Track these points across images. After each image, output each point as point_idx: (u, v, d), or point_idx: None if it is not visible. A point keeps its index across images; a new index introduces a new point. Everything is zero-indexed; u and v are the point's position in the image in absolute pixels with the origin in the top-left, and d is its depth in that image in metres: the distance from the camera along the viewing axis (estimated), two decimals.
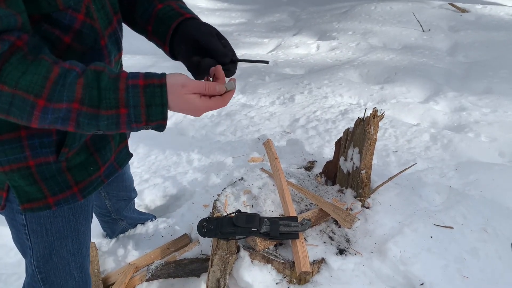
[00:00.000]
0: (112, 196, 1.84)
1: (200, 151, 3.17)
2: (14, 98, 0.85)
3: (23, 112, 0.87)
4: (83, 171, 1.20)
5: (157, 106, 0.93)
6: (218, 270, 1.62)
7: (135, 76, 0.93)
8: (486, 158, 2.81)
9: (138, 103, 0.91)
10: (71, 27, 0.98)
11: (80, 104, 0.89)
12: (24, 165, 1.08)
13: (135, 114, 0.92)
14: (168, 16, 1.18)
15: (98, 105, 0.90)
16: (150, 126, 0.96)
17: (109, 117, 0.91)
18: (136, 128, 0.96)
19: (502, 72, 4.21)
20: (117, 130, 0.95)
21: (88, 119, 0.90)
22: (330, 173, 2.13)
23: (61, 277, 1.34)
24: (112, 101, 0.90)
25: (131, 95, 0.91)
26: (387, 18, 6.36)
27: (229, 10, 8.70)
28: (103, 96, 0.90)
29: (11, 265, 2.17)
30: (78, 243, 1.34)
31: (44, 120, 0.89)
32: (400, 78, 4.24)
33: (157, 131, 0.99)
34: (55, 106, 0.88)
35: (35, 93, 0.85)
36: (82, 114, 0.89)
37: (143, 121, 0.94)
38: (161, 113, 0.94)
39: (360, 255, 1.71)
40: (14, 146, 1.05)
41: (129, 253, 2.06)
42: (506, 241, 1.74)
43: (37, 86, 0.85)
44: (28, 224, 1.21)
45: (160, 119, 0.95)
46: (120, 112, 0.91)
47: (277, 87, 4.32)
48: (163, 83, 0.93)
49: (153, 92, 0.92)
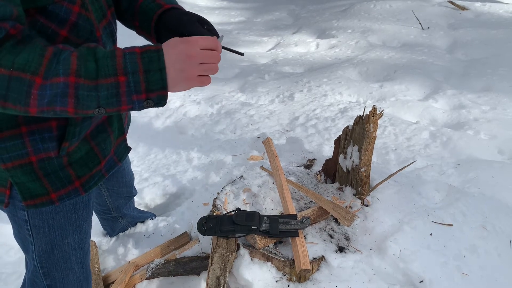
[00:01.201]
0: (112, 192, 1.84)
1: (199, 150, 3.17)
2: (11, 81, 0.85)
3: (21, 94, 0.86)
4: (84, 165, 1.21)
5: (155, 72, 0.92)
6: (218, 268, 1.62)
7: (131, 47, 0.94)
8: (485, 155, 2.81)
9: (136, 68, 0.91)
10: (67, 19, 0.99)
11: (76, 76, 0.88)
12: (26, 161, 1.09)
13: (134, 81, 0.91)
14: (149, 8, 1.21)
15: (96, 75, 0.89)
16: (150, 99, 0.94)
17: (109, 86, 0.90)
18: (138, 103, 0.94)
19: (501, 70, 4.21)
20: (118, 105, 0.93)
21: (87, 91, 0.89)
22: (329, 171, 2.13)
23: (62, 271, 1.35)
24: (110, 68, 0.90)
25: (129, 61, 0.91)
26: (386, 16, 6.36)
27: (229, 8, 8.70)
28: (101, 65, 0.89)
29: (11, 264, 2.17)
30: (80, 238, 1.35)
31: (42, 98, 0.87)
32: (399, 76, 4.24)
33: (158, 107, 0.97)
34: (52, 81, 0.87)
35: (31, 71, 0.85)
36: (80, 86, 0.88)
37: (143, 91, 0.92)
38: (160, 79, 0.93)
39: (359, 252, 1.71)
40: (15, 142, 1.06)
41: (129, 252, 2.07)
42: (506, 238, 1.75)
43: (33, 64, 0.85)
44: (30, 220, 1.22)
45: (160, 88, 0.94)
46: (119, 80, 0.90)
47: (277, 86, 4.32)
48: (160, 49, 0.93)
49: (150, 57, 0.92)
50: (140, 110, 0.96)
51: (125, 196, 1.93)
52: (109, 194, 1.84)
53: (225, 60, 5.32)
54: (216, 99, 4.07)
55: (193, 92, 4.28)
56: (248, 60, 5.39)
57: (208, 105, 3.99)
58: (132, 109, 0.96)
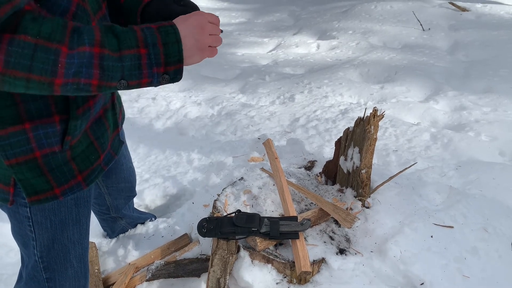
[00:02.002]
0: (112, 190, 1.84)
1: (200, 151, 3.17)
2: (36, 50, 0.85)
3: (47, 64, 0.87)
4: (86, 159, 1.24)
5: (173, 44, 0.98)
6: (218, 270, 1.62)
7: (144, 24, 1.00)
8: (486, 157, 2.80)
9: (155, 40, 0.97)
10: (68, 9, 1.01)
11: (101, 47, 0.92)
12: (30, 157, 1.10)
13: (154, 53, 0.97)
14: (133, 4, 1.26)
15: (119, 47, 0.94)
16: (167, 73, 1.00)
17: (132, 56, 0.95)
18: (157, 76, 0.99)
19: (502, 71, 4.20)
20: (139, 77, 0.98)
21: (112, 61, 0.93)
22: (330, 173, 2.13)
23: (61, 265, 1.36)
24: (133, 40, 0.95)
25: (148, 34, 0.97)
26: (387, 17, 6.36)
27: (229, 9, 8.70)
28: (122, 38, 0.95)
29: (11, 265, 2.17)
30: (79, 233, 1.37)
31: (69, 67, 0.89)
32: (400, 77, 4.24)
33: (174, 82, 1.04)
34: (79, 50, 0.89)
35: (58, 39, 0.87)
36: (105, 57, 0.92)
37: (162, 64, 0.98)
38: (177, 51, 0.99)
39: (360, 254, 1.71)
40: (19, 138, 1.07)
41: (129, 253, 2.06)
42: (507, 240, 1.74)
43: (58, 33, 0.87)
44: (33, 216, 1.23)
45: (176, 61, 1.00)
46: (140, 52, 0.96)
47: (277, 87, 4.32)
48: (173, 24, 1.01)
49: (166, 30, 0.99)
50: (158, 85, 1.03)
51: (125, 195, 1.93)
52: (109, 192, 1.84)
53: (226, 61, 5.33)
54: (216, 100, 4.07)
55: (194, 93, 4.29)
56: (248, 61, 5.40)
57: (208, 106, 3.99)
58: (151, 84, 1.01)
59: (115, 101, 1.37)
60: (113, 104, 1.35)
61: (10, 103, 1.02)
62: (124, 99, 4.08)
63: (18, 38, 0.83)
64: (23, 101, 1.02)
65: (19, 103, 1.02)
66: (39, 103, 1.05)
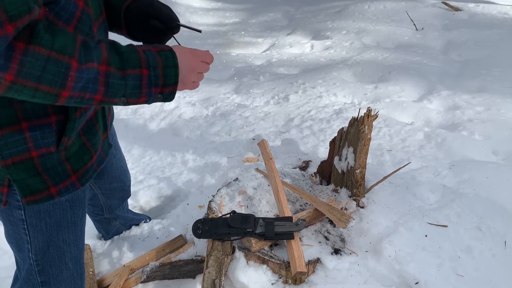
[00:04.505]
0: (105, 190, 1.83)
1: (195, 152, 3.16)
2: (48, 62, 0.86)
3: (57, 76, 0.88)
4: (79, 160, 1.24)
5: (170, 68, 1.05)
6: (213, 271, 1.62)
7: (144, 45, 1.06)
8: (480, 156, 2.82)
9: (156, 64, 1.03)
10: (74, 14, 1.03)
11: (107, 65, 0.96)
12: (27, 156, 1.10)
13: (155, 75, 1.03)
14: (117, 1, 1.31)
15: (123, 66, 0.99)
16: (164, 93, 1.07)
17: (135, 76, 1.01)
18: (153, 95, 1.06)
19: (495, 70, 4.23)
20: (138, 96, 1.04)
21: (117, 79, 0.98)
22: (325, 173, 2.13)
23: (56, 267, 1.36)
24: (136, 61, 1.00)
25: (150, 56, 1.03)
26: (380, 17, 6.38)
27: (223, 9, 8.70)
28: (126, 57, 0.99)
29: (4, 269, 2.15)
30: (74, 234, 1.37)
31: (78, 81, 0.92)
32: (394, 77, 4.25)
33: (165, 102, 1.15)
34: (88, 65, 0.92)
35: (69, 53, 0.89)
36: (111, 74, 0.97)
37: (160, 85, 1.05)
38: (174, 75, 1.06)
39: (355, 254, 1.71)
40: (16, 138, 1.07)
41: (124, 255, 2.05)
42: (500, 239, 1.75)
43: (69, 48, 0.89)
44: (28, 218, 1.23)
45: (173, 83, 1.07)
46: (142, 73, 1.01)
47: (272, 87, 4.32)
48: (171, 49, 1.08)
49: (166, 55, 1.05)
50: (151, 103, 1.10)
51: (119, 195, 1.92)
52: (102, 192, 1.84)
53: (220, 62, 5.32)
54: (211, 101, 4.07)
55: (188, 94, 4.28)
56: (243, 61, 5.39)
57: (203, 107, 3.99)
58: (146, 102, 1.07)
59: None
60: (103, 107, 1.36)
61: (7, 103, 1.02)
62: None
63: (33, 49, 0.84)
64: (20, 102, 1.02)
65: (16, 103, 1.02)
66: (36, 104, 1.05)
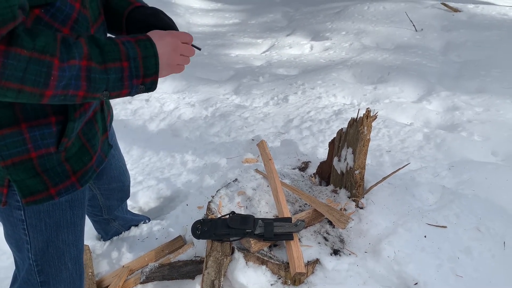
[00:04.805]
0: (104, 190, 1.83)
1: (194, 153, 3.16)
2: (30, 63, 0.86)
3: (39, 76, 0.88)
4: (79, 160, 1.25)
5: (150, 58, 1.05)
6: (212, 272, 1.62)
7: (121, 37, 1.05)
8: (479, 157, 2.82)
9: (136, 55, 1.02)
10: (70, 15, 1.03)
11: (88, 60, 0.95)
12: (26, 157, 1.11)
13: (135, 66, 1.02)
14: (120, 5, 1.31)
15: (103, 60, 0.98)
16: (145, 83, 1.06)
17: (116, 69, 1.00)
18: (135, 87, 1.05)
19: (494, 71, 4.23)
20: (121, 88, 1.03)
21: (99, 74, 0.97)
22: (324, 174, 2.13)
23: (55, 268, 1.36)
24: (116, 53, 1.00)
25: (129, 48, 1.02)
26: (380, 18, 6.38)
27: (223, 10, 8.70)
28: (106, 50, 0.99)
29: (3, 269, 2.15)
30: (74, 235, 1.37)
31: (61, 80, 0.91)
32: (393, 78, 4.25)
33: (148, 92, 1.10)
34: (69, 63, 0.92)
35: (50, 53, 0.89)
36: (92, 69, 0.96)
37: (141, 76, 1.04)
38: (154, 64, 1.06)
39: (354, 255, 1.71)
40: (16, 139, 1.07)
41: (123, 256, 2.05)
42: (499, 239, 1.75)
43: (50, 47, 0.89)
44: (27, 219, 1.23)
45: (153, 73, 1.06)
46: (123, 65, 1.01)
47: (271, 88, 4.32)
48: (149, 37, 1.07)
49: (145, 45, 1.05)
50: (134, 95, 1.08)
51: (118, 195, 1.92)
52: (101, 193, 1.84)
53: (220, 63, 5.32)
54: (210, 102, 4.07)
55: (187, 95, 4.28)
56: (242, 62, 5.39)
57: (202, 108, 3.99)
58: (129, 94, 1.06)
59: (104, 104, 1.38)
60: (102, 107, 1.36)
61: (7, 104, 1.02)
62: (117, 101, 4.06)
63: (14, 51, 0.84)
64: (19, 102, 1.03)
65: (15, 104, 1.03)
66: (35, 104, 1.05)
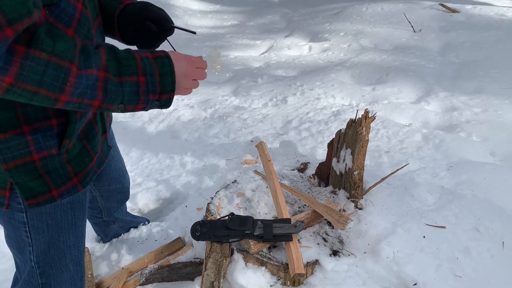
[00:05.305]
0: (104, 192, 1.83)
1: (193, 154, 3.17)
2: (48, 66, 0.86)
3: (57, 81, 0.88)
4: (80, 162, 1.25)
5: (167, 75, 1.06)
6: (212, 273, 1.62)
7: (141, 51, 1.06)
8: (477, 157, 2.83)
9: (153, 71, 1.04)
10: (74, 16, 1.04)
11: (105, 71, 0.96)
12: (28, 159, 1.11)
13: (152, 82, 1.04)
14: (111, 5, 1.32)
15: (120, 73, 0.99)
16: (161, 99, 1.08)
17: (132, 83, 1.01)
18: (151, 102, 1.07)
19: (492, 72, 4.24)
20: (136, 103, 1.04)
21: (115, 86, 0.98)
22: (323, 175, 2.14)
23: (56, 269, 1.36)
24: (133, 68, 1.01)
25: (147, 64, 1.03)
26: (378, 19, 6.40)
27: (221, 12, 8.71)
28: (124, 64, 1.00)
29: (4, 271, 2.15)
30: (75, 236, 1.37)
31: (77, 87, 0.92)
32: (391, 78, 4.26)
33: (162, 109, 1.11)
34: (87, 71, 0.93)
35: (69, 58, 0.89)
36: (109, 81, 0.97)
37: (158, 92, 1.06)
38: (171, 82, 1.07)
39: (353, 256, 1.71)
40: (18, 142, 1.07)
41: (123, 258, 2.05)
42: (498, 240, 1.75)
43: (70, 52, 0.89)
44: (29, 221, 1.23)
45: (170, 90, 1.08)
46: (139, 80, 1.02)
47: (270, 89, 4.32)
48: (168, 55, 1.08)
49: (163, 62, 1.06)
50: (148, 110, 1.10)
51: (118, 197, 1.92)
52: (101, 194, 1.84)
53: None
54: (209, 103, 4.07)
55: (186, 96, 4.28)
56: (241, 63, 5.40)
57: (201, 109, 3.99)
58: (144, 109, 1.08)
59: None
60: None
61: (8, 106, 1.02)
62: None
63: (33, 53, 0.84)
64: (21, 105, 1.03)
65: (17, 107, 1.03)
66: (37, 106, 1.05)
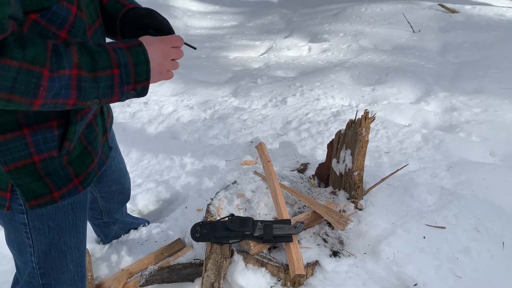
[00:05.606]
0: (104, 193, 1.83)
1: (193, 155, 3.16)
2: (19, 73, 0.86)
3: (29, 86, 0.88)
4: (81, 163, 1.25)
5: (142, 64, 1.05)
6: (212, 274, 1.62)
7: (114, 43, 1.05)
8: (477, 157, 2.83)
9: (127, 61, 1.02)
10: (67, 19, 1.04)
11: (78, 68, 0.95)
12: (29, 161, 1.11)
13: (126, 73, 1.02)
14: (114, 8, 1.31)
15: (93, 68, 0.98)
16: (136, 89, 1.07)
17: (106, 77, 1.00)
18: (126, 93, 1.05)
19: (492, 72, 4.25)
20: (111, 95, 1.03)
21: (89, 82, 0.97)
22: (323, 175, 2.14)
23: (57, 270, 1.36)
24: (107, 62, 0.99)
25: (121, 55, 1.02)
26: (377, 19, 6.40)
27: (221, 13, 8.71)
28: (97, 59, 0.98)
29: (3, 273, 2.15)
30: (76, 237, 1.37)
31: (50, 90, 0.91)
32: (391, 79, 4.26)
33: (140, 97, 1.10)
34: (59, 73, 0.92)
35: (40, 63, 0.89)
36: (82, 78, 0.96)
37: (132, 82, 1.04)
38: (146, 71, 1.06)
39: (353, 256, 1.71)
40: (18, 144, 1.08)
41: (123, 259, 2.05)
42: (498, 240, 1.75)
43: (41, 57, 0.89)
44: (30, 222, 1.23)
45: (144, 79, 1.06)
46: (114, 73, 1.01)
47: (269, 90, 4.32)
48: (141, 43, 1.06)
49: (136, 51, 1.04)
50: (124, 100, 1.09)
51: (118, 198, 1.92)
52: (101, 195, 1.84)
53: (218, 65, 5.33)
54: (209, 104, 4.07)
55: (186, 97, 4.28)
56: (240, 64, 5.40)
57: (201, 110, 3.99)
58: (119, 100, 1.07)
59: (103, 106, 1.38)
60: (102, 110, 1.36)
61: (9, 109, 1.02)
62: (116, 104, 4.06)
63: (3, 61, 0.84)
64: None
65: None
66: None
